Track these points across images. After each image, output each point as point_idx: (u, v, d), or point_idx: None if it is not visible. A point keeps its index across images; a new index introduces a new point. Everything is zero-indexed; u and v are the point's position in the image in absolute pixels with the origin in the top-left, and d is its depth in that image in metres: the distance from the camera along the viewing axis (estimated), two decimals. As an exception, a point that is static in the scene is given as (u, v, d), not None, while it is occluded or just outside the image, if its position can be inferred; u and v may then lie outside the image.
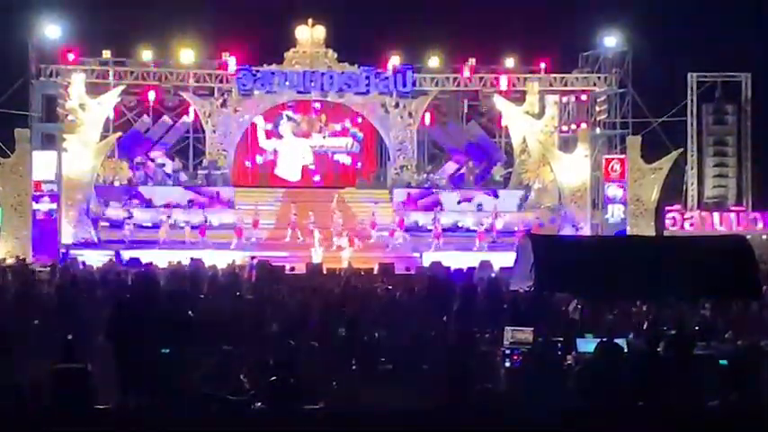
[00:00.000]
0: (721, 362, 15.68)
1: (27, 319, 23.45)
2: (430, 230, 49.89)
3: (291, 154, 56.09)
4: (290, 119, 56.12)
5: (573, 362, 18.08)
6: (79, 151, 48.70)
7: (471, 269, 38.54)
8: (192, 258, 38.87)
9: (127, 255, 43.17)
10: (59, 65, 50.87)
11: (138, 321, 18.02)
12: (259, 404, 14.70)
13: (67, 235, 47.78)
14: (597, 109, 54.41)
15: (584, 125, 54.02)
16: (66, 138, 48.68)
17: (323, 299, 26.68)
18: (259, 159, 56.18)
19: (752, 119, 53.92)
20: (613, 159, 51.71)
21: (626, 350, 17.89)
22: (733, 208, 52.76)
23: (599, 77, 53.96)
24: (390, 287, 30.96)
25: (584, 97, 55.05)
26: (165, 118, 55.72)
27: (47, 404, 14.21)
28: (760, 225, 51.76)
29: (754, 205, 53.33)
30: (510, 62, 54.92)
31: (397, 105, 54.95)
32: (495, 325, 20.71)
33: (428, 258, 44.68)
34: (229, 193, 52.65)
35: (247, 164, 56.10)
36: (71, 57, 51.61)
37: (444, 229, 50.10)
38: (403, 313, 25.04)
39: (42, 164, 47.21)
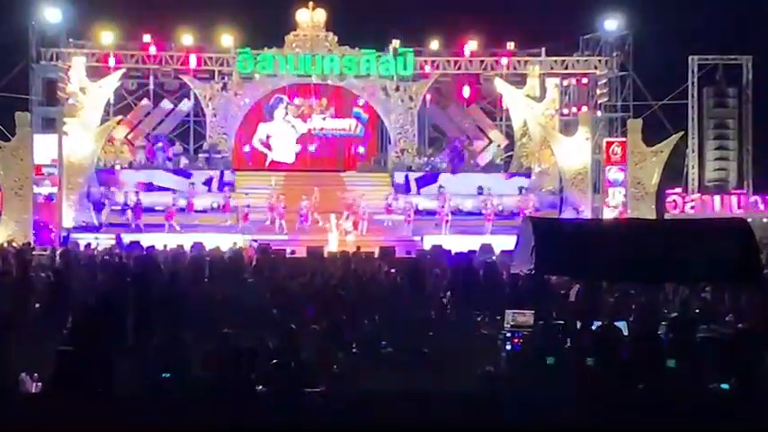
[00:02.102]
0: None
1: (27, 303, 23.51)
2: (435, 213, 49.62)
3: (284, 137, 56.01)
4: (286, 102, 56.03)
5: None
6: (80, 135, 48.63)
7: (472, 252, 38.64)
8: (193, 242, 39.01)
9: (128, 238, 43.19)
10: (60, 48, 50.80)
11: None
12: (260, 387, 14.74)
13: (68, 219, 47.77)
14: (598, 92, 54.32)
15: (584, 108, 53.92)
16: (67, 121, 48.56)
17: (323, 283, 26.73)
18: (257, 143, 56.09)
19: (753, 102, 53.77)
20: (614, 142, 51.58)
21: (626, 333, 17.93)
22: (734, 191, 52.66)
23: (600, 60, 53.89)
24: (393, 270, 30.98)
25: (584, 80, 54.96)
26: (166, 102, 55.67)
27: (49, 386, 14.24)
28: (761, 208, 51.68)
29: (754, 188, 53.25)
30: (511, 45, 54.81)
31: (397, 89, 54.85)
32: (496, 308, 20.75)
33: (429, 242, 44.63)
34: (230, 176, 52.55)
35: (246, 148, 55.99)
36: (71, 40, 51.58)
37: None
38: (403, 297, 25.08)
39: (43, 147, 47.12)
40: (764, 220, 50.08)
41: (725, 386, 14.85)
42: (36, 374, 16.00)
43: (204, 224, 47.81)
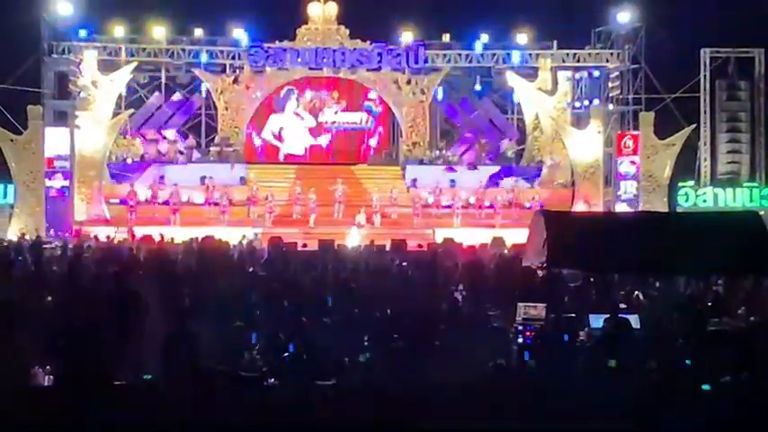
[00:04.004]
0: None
1: (39, 296, 23.49)
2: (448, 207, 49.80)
3: (295, 130, 56.02)
4: (297, 95, 56.05)
5: (585, 338, 18.11)
6: (91, 128, 48.75)
7: (484, 245, 38.64)
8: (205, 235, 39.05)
9: (139, 232, 43.28)
10: (72, 42, 50.84)
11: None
12: (272, 380, 14.76)
13: (80, 212, 47.88)
14: (610, 85, 54.24)
15: (596, 101, 53.94)
16: (79, 115, 48.71)
17: (335, 275, 26.71)
18: (268, 136, 56.10)
19: (765, 94, 53.64)
20: (626, 135, 51.64)
21: (637, 326, 17.91)
22: (746, 184, 52.55)
23: (612, 53, 53.80)
24: (404, 263, 30.98)
25: (596, 73, 54.89)
26: (177, 95, 55.70)
27: (62, 380, 14.26)
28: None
29: (767, 181, 53.16)
30: (522, 38, 54.69)
31: (409, 82, 54.81)
32: (508, 301, 20.73)
33: (441, 235, 44.67)
34: (242, 170, 52.58)
35: (257, 141, 56.00)
36: (83, 33, 51.62)
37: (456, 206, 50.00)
38: (414, 290, 25.05)
39: (55, 141, 47.32)
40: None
41: (706, 387, 14.82)
42: (49, 368, 16.03)
43: (213, 217, 48.01)
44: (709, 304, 21.47)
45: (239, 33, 53.88)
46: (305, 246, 38.51)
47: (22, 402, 11.73)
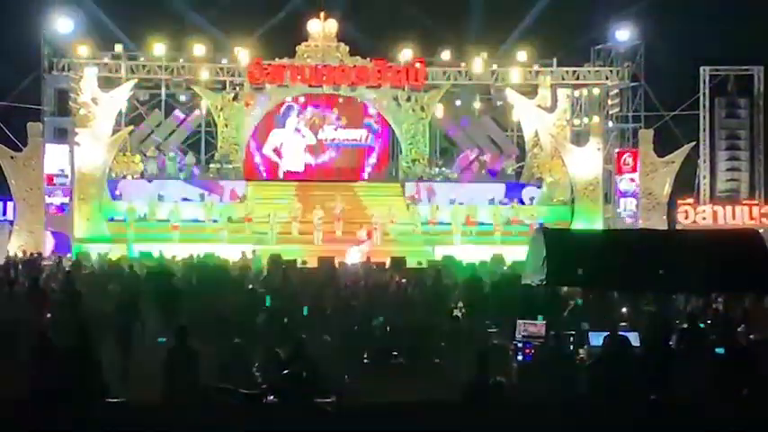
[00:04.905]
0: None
1: (39, 313, 23.50)
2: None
3: (295, 147, 56.04)
4: (298, 111, 56.10)
5: (585, 355, 18.10)
6: (91, 145, 48.68)
7: (483, 263, 38.63)
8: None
9: (139, 248, 43.27)
10: (72, 59, 50.88)
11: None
12: (271, 397, 14.74)
13: (80, 229, 47.82)
14: (609, 102, 54.32)
15: (596, 119, 53.96)
16: (79, 132, 48.64)
17: (335, 292, 26.71)
18: (269, 153, 56.11)
19: (764, 112, 53.71)
20: (626, 153, 51.71)
21: (637, 344, 17.90)
22: (745, 202, 52.56)
23: (611, 71, 53.90)
24: (404, 281, 30.95)
25: (596, 91, 54.95)
26: (177, 112, 55.70)
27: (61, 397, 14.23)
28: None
29: (766, 199, 53.16)
30: (522, 56, 54.74)
31: (408, 99, 54.80)
32: (508, 318, 20.74)
33: (440, 252, 44.67)
34: (242, 187, 52.56)
35: (257, 158, 56.01)
36: (83, 50, 51.64)
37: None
38: (414, 307, 25.06)
39: (55, 158, 47.35)
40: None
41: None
42: (43, 382, 16.00)
43: (212, 234, 47.97)
44: (709, 322, 21.47)
45: (239, 50, 53.90)
46: (304, 263, 38.49)
47: (20, 416, 11.72)
